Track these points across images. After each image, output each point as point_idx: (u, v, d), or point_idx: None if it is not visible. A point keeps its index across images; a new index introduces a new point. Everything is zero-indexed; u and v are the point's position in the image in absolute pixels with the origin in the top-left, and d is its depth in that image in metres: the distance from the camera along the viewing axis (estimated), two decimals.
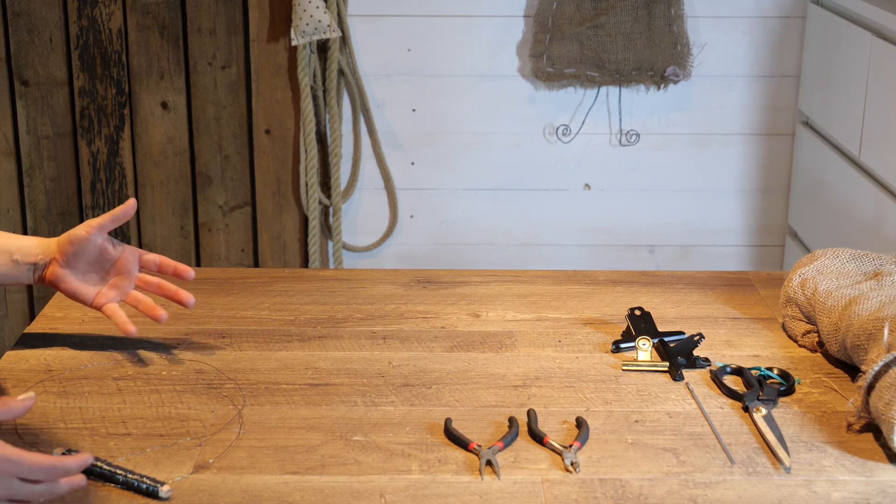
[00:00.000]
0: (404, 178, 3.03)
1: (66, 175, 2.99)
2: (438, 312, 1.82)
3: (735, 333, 1.76)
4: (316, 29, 2.79)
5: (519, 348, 1.70)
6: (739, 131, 2.99)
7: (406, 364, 1.65)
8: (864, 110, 2.48)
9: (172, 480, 1.35)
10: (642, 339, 1.65)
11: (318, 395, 1.55)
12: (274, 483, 1.35)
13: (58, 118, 2.96)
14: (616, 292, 1.91)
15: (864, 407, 1.46)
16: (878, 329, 1.52)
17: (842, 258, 1.77)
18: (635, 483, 1.36)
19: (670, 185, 3.03)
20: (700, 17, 2.90)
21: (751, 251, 3.08)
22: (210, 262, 3.06)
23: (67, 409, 1.51)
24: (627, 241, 3.07)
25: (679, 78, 2.85)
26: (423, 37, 2.92)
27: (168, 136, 2.97)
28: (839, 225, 2.64)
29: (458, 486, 1.35)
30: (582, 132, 2.98)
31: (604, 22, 2.81)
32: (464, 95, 2.97)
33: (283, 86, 2.94)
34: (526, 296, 1.89)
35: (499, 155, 3.01)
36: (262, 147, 2.99)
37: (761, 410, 1.51)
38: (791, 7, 2.90)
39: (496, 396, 1.56)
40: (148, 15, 2.89)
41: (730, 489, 1.35)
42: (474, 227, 3.06)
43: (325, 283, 1.93)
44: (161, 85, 2.94)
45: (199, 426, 1.47)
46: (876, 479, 1.37)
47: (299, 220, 3.04)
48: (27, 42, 2.90)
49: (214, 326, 1.76)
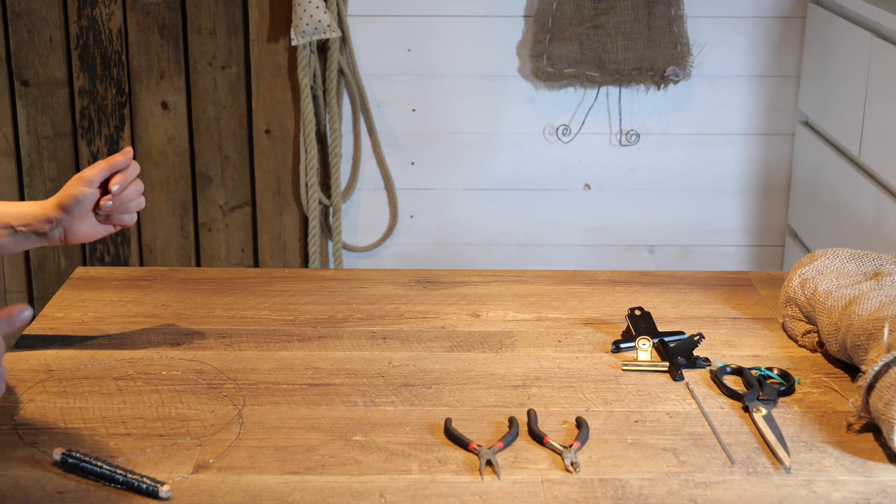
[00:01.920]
0: (404, 178, 3.03)
1: (66, 175, 2.99)
2: (438, 312, 1.82)
3: (735, 333, 1.76)
4: (316, 29, 2.79)
5: (519, 348, 1.70)
6: (739, 131, 2.99)
7: (406, 364, 1.65)
8: (864, 110, 2.48)
9: (172, 480, 1.35)
10: (642, 339, 1.65)
11: (318, 395, 1.55)
12: (274, 483, 1.35)
13: (58, 118, 2.96)
14: (616, 292, 1.91)
15: (864, 407, 1.46)
16: (878, 329, 1.52)
17: (842, 258, 1.77)
18: (635, 483, 1.36)
19: (670, 185, 3.03)
20: (700, 17, 2.90)
21: (751, 251, 3.08)
22: (210, 262, 3.06)
23: (67, 409, 1.51)
24: (627, 241, 3.07)
25: (679, 78, 2.85)
26: (423, 37, 2.92)
27: (168, 136, 2.97)
28: (839, 225, 2.64)
29: (458, 486, 1.35)
30: (582, 132, 2.98)
31: (604, 22, 2.81)
32: (464, 95, 2.97)
33: (283, 86, 2.94)
34: (526, 296, 1.89)
35: (499, 155, 3.01)
36: (262, 147, 2.99)
37: (761, 410, 1.51)
38: (791, 7, 2.90)
39: (496, 396, 1.56)
40: (148, 15, 2.89)
41: (730, 489, 1.35)
42: (474, 227, 3.06)
43: (325, 283, 1.93)
44: (161, 85, 2.94)
45: (199, 426, 1.47)
46: (876, 479, 1.37)
47: (299, 220, 3.04)
48: (27, 42, 2.90)
49: (214, 326, 1.76)
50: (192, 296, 1.88)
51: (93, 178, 1.60)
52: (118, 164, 1.62)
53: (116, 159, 1.62)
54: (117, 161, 1.62)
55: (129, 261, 3.06)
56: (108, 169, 1.61)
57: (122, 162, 1.62)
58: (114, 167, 1.62)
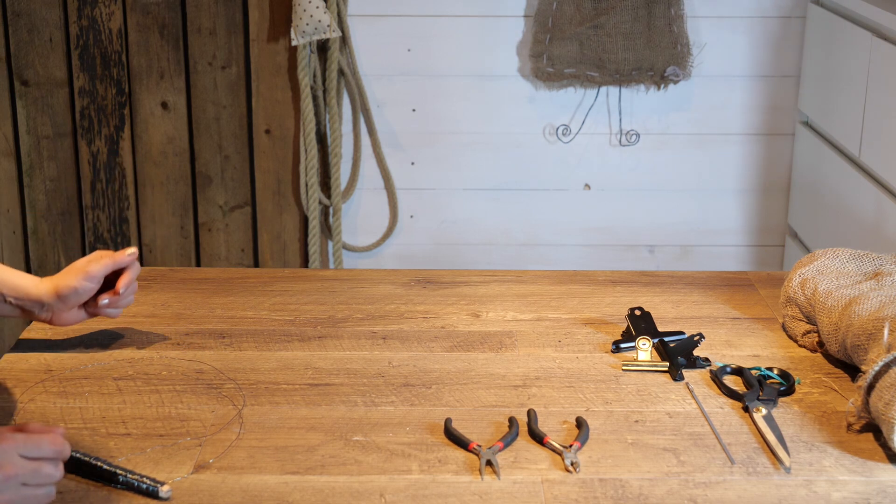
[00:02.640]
0: (404, 178, 3.03)
1: (66, 175, 2.99)
2: (438, 312, 1.82)
3: (735, 333, 1.76)
4: (316, 29, 2.79)
5: (519, 348, 1.70)
6: (739, 131, 2.99)
7: (406, 364, 1.65)
8: (864, 110, 2.48)
9: (172, 480, 1.35)
10: (642, 339, 1.65)
11: (318, 395, 1.55)
12: (274, 483, 1.35)
13: (58, 118, 2.96)
14: (616, 292, 1.91)
15: (864, 407, 1.46)
16: (878, 329, 1.52)
17: (842, 258, 1.77)
18: (635, 483, 1.36)
19: (670, 185, 3.03)
20: (700, 17, 2.90)
21: (751, 251, 3.08)
22: (210, 262, 3.06)
23: (67, 409, 1.51)
24: (627, 241, 3.07)
25: (679, 78, 2.85)
26: (423, 37, 2.92)
27: (168, 136, 2.97)
28: (839, 225, 2.64)
29: (458, 486, 1.35)
30: (582, 132, 2.98)
31: (604, 22, 2.81)
32: (464, 95, 2.97)
33: (283, 86, 2.94)
34: (526, 296, 1.89)
35: (499, 155, 3.01)
36: (262, 147, 2.99)
37: (761, 410, 1.51)
38: (791, 7, 2.90)
39: (496, 396, 1.56)
40: (148, 15, 2.89)
41: (730, 489, 1.35)
42: (474, 227, 3.06)
43: (325, 283, 1.93)
44: (161, 85, 2.94)
45: (199, 426, 1.47)
46: (876, 479, 1.37)
47: (299, 220, 3.04)
48: (27, 42, 2.90)
49: (214, 326, 1.76)
50: (192, 296, 1.88)
51: (96, 274, 1.61)
52: (122, 262, 1.63)
53: (122, 258, 1.63)
54: (122, 260, 1.63)
55: None
56: (111, 266, 1.62)
57: (126, 261, 1.63)
58: (118, 265, 1.63)
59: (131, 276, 1.65)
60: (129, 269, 1.65)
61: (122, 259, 1.63)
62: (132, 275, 1.65)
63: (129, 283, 1.64)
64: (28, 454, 1.24)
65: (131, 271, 1.65)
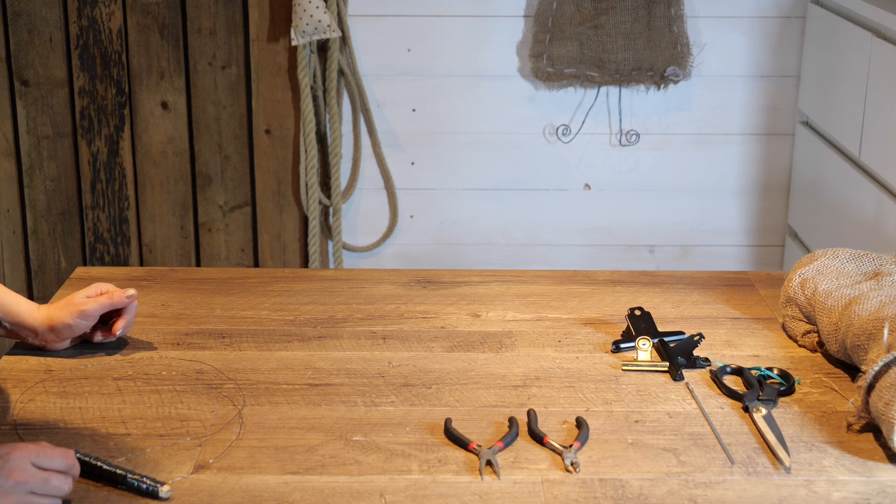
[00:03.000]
0: (404, 178, 3.03)
1: (66, 175, 2.99)
2: (438, 312, 1.82)
3: (735, 333, 1.76)
4: (316, 29, 2.79)
5: (519, 348, 1.70)
6: (739, 131, 2.99)
7: (406, 364, 1.65)
8: (864, 110, 2.48)
9: (172, 480, 1.35)
10: (642, 339, 1.65)
11: (318, 395, 1.55)
12: (274, 483, 1.35)
13: (58, 118, 2.96)
14: (616, 292, 1.91)
15: (864, 407, 1.46)
16: (878, 329, 1.52)
17: (842, 258, 1.77)
18: (635, 483, 1.36)
19: (670, 185, 3.03)
20: (700, 17, 2.90)
21: (751, 251, 3.08)
22: (210, 262, 3.06)
23: (67, 409, 1.51)
24: (627, 241, 3.07)
25: (679, 78, 2.85)
26: (423, 37, 2.92)
27: (168, 135, 2.97)
28: (839, 225, 2.64)
29: (458, 486, 1.35)
30: (582, 132, 2.98)
31: (604, 22, 2.81)
32: (464, 95, 2.97)
33: (283, 86, 2.94)
34: (526, 296, 1.89)
35: (499, 155, 3.01)
36: (262, 147, 2.99)
37: (761, 410, 1.51)
38: (791, 7, 2.90)
39: (496, 396, 1.56)
40: (148, 15, 2.89)
41: (730, 489, 1.35)
42: (474, 227, 3.06)
43: (325, 283, 1.93)
44: (161, 85, 2.94)
45: (199, 426, 1.47)
46: (876, 479, 1.37)
47: (299, 220, 3.04)
48: (27, 42, 2.90)
49: (214, 326, 1.76)
50: (192, 296, 1.88)
51: (92, 314, 1.63)
52: (120, 304, 1.64)
53: (120, 298, 1.64)
54: (120, 300, 1.64)
55: (129, 261, 3.06)
56: (108, 307, 1.63)
57: (124, 303, 1.64)
58: (115, 306, 1.64)
59: (129, 319, 1.66)
60: (127, 310, 1.65)
61: (119, 301, 1.63)
62: (129, 317, 1.66)
63: (127, 326, 1.66)
64: (40, 464, 1.26)
65: (129, 313, 1.66)
